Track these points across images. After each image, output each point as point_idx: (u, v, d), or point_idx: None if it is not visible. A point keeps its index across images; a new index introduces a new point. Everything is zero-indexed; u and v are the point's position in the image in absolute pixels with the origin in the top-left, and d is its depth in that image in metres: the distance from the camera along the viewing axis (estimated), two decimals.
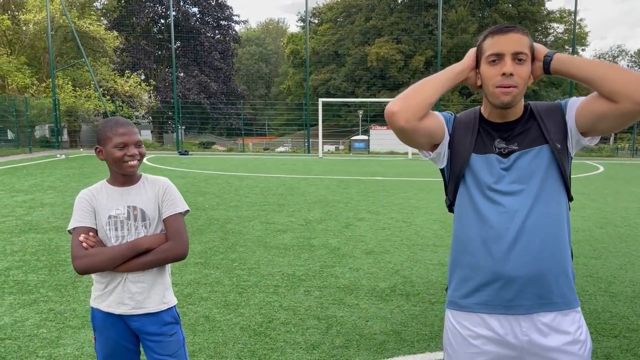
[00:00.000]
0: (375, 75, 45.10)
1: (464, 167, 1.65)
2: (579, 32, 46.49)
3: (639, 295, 4.57)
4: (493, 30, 1.61)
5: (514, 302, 1.61)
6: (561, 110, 1.66)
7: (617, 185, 12.50)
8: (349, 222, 7.56)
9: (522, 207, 1.58)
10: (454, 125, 1.72)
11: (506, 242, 1.58)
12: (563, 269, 1.63)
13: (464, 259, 1.68)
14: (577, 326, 1.63)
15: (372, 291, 4.62)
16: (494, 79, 1.57)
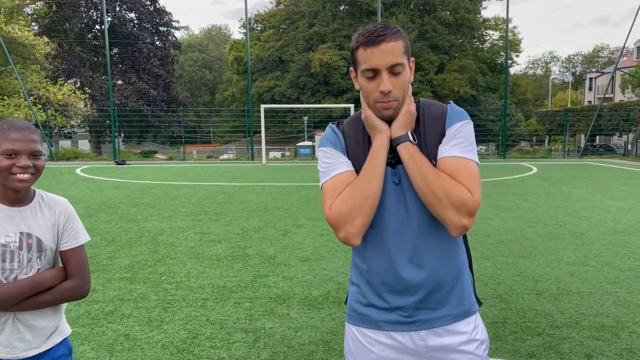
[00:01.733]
0: (320, 82, 45.36)
1: None
2: (513, 39, 48.53)
3: (563, 292, 4.69)
4: (364, 40, 1.47)
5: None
6: (444, 121, 1.57)
7: (548, 185, 13.00)
8: (287, 230, 7.45)
9: (410, 223, 1.55)
10: (345, 144, 1.63)
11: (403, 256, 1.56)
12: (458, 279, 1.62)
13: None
14: (473, 326, 1.62)
15: (305, 300, 4.53)
16: (374, 94, 1.49)
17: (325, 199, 1.55)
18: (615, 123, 31.82)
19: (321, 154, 1.64)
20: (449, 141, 1.52)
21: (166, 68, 38.22)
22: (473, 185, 1.46)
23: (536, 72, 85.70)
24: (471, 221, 1.46)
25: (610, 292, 4.68)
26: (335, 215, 1.50)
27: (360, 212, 1.48)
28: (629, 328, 3.85)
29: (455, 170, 1.47)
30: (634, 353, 3.44)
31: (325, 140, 1.65)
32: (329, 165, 1.59)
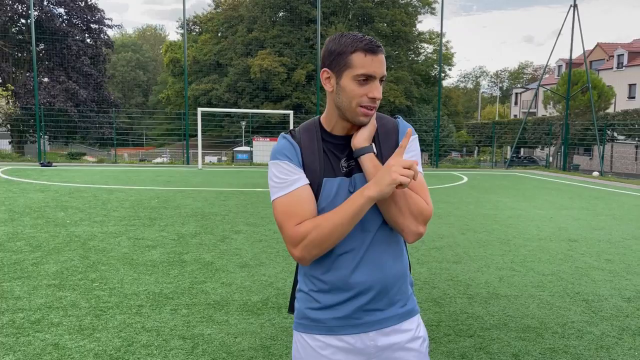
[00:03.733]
0: (259, 87, 45.19)
1: (318, 194, 1.60)
2: (446, 52, 50.45)
3: (492, 296, 4.92)
4: (365, 46, 1.52)
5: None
6: (396, 135, 1.66)
7: (478, 194, 13.58)
8: (225, 235, 7.35)
9: (362, 232, 1.60)
10: (302, 154, 1.63)
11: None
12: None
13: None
14: (416, 324, 1.70)
15: (244, 306, 4.49)
16: (360, 98, 1.53)
17: (287, 215, 1.55)
18: (538, 136, 33.76)
19: (275, 167, 1.61)
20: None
21: (97, 67, 36.70)
22: (427, 196, 1.59)
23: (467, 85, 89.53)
24: (425, 229, 1.59)
25: (534, 295, 4.96)
26: (299, 237, 1.53)
27: (319, 247, 1.53)
28: (551, 329, 4.10)
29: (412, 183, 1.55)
30: (556, 352, 3.67)
31: (280, 153, 1.62)
32: (284, 181, 1.58)
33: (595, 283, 5.41)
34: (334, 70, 1.57)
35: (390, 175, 1.44)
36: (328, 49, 1.59)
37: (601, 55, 48.96)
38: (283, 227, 1.57)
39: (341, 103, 1.56)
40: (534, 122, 36.39)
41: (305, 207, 1.56)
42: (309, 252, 1.54)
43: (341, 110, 1.58)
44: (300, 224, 1.54)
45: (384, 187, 1.46)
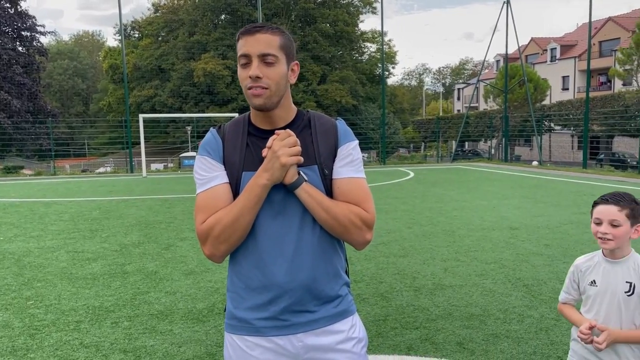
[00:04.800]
0: (203, 91, 44.50)
1: (238, 188, 1.57)
2: (389, 51, 51.29)
3: (437, 287, 5.01)
4: (243, 30, 1.55)
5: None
6: (336, 136, 1.63)
7: (424, 188, 13.85)
8: (170, 243, 7.17)
9: (289, 232, 1.57)
10: (223, 149, 1.61)
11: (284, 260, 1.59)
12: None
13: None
14: (350, 325, 1.66)
15: (189, 314, 4.38)
16: (245, 80, 1.53)
17: (198, 212, 1.57)
18: (481, 130, 34.83)
19: (197, 161, 1.63)
20: (342, 161, 1.60)
21: (31, 76, 35.13)
22: (367, 203, 1.58)
23: (411, 83, 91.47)
24: (372, 234, 1.60)
25: (478, 283, 5.08)
26: (205, 233, 1.54)
27: (227, 241, 1.53)
28: (494, 315, 4.21)
29: (350, 190, 1.58)
30: (498, 337, 3.76)
31: (203, 148, 1.63)
32: (204, 177, 1.59)
33: (535, 268, 5.60)
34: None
35: (280, 160, 1.47)
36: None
37: (536, 49, 51.08)
38: (195, 222, 1.58)
39: (244, 92, 1.58)
40: (476, 116, 37.52)
41: (218, 204, 1.54)
42: (217, 248, 1.54)
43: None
44: (205, 221, 1.54)
45: (275, 173, 1.48)
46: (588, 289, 2.08)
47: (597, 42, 42.01)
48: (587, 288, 2.09)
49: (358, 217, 1.55)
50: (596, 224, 2.01)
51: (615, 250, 2.00)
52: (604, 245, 2.00)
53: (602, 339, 1.92)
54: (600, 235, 1.99)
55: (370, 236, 1.60)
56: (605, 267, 2.04)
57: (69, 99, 66.38)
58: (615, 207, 1.96)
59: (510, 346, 3.61)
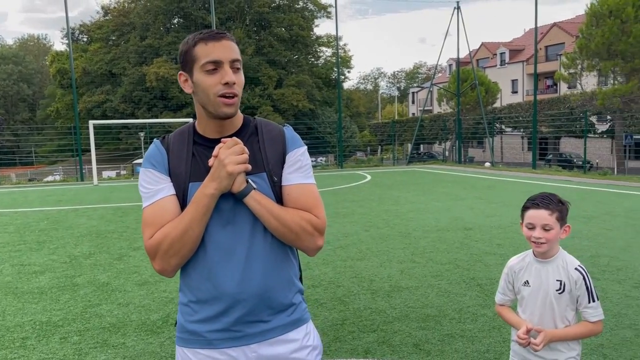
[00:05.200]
0: (156, 96, 43.63)
1: (185, 200, 1.53)
2: (344, 55, 51.67)
3: (394, 289, 5.05)
4: (205, 36, 1.50)
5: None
6: (284, 143, 1.61)
7: (380, 191, 13.99)
8: (122, 254, 6.96)
9: (239, 241, 1.54)
10: (168, 160, 1.57)
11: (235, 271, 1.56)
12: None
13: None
14: (304, 333, 1.64)
15: (142, 325, 4.26)
16: (215, 87, 1.48)
17: (145, 227, 1.53)
18: (435, 132, 35.57)
19: (141, 175, 1.58)
20: (291, 167, 1.58)
21: None
22: (318, 209, 1.57)
23: (367, 87, 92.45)
24: (323, 239, 1.59)
25: (433, 284, 5.16)
26: (153, 249, 1.51)
27: (177, 255, 1.50)
28: (449, 315, 4.27)
29: (300, 196, 1.56)
30: (453, 337, 3.82)
31: (147, 160, 1.58)
32: (149, 190, 1.55)
33: (488, 267, 5.73)
34: (186, 70, 1.54)
35: (226, 169, 1.44)
36: (179, 53, 1.57)
37: (486, 53, 52.59)
38: (143, 237, 1.54)
39: (202, 100, 1.52)
40: (430, 119, 38.30)
41: (165, 218, 1.51)
42: (167, 262, 1.51)
43: (205, 107, 1.53)
44: (152, 236, 1.50)
45: (222, 181, 1.45)
46: (522, 289, 2.14)
47: (544, 47, 43.65)
48: (521, 288, 2.15)
49: (309, 223, 1.54)
50: (529, 228, 2.06)
51: (546, 250, 2.07)
52: (538, 249, 2.06)
53: (539, 341, 1.98)
54: (534, 239, 2.04)
55: (322, 242, 1.58)
56: (537, 267, 2.11)
57: (14, 105, 63.77)
58: (546, 211, 2.02)
59: (464, 345, 3.67)
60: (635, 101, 21.99)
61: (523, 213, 2.11)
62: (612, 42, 21.37)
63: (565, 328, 2.06)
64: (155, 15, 45.40)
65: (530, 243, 2.08)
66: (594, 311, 2.05)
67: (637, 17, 20.61)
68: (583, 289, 2.04)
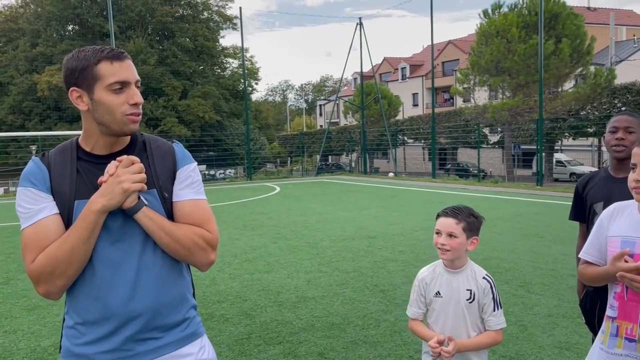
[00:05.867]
0: (50, 107, 40.91)
1: (70, 218, 1.48)
2: (251, 67, 51.53)
3: (301, 299, 5.09)
4: (109, 55, 1.47)
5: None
6: (174, 159, 1.61)
7: (289, 202, 14.07)
8: (9, 277, 6.44)
9: (129, 259, 1.51)
10: (50, 176, 1.51)
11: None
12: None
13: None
14: (199, 347, 1.64)
15: (32, 353, 3.97)
16: (122, 107, 1.48)
17: (26, 250, 1.46)
18: (342, 144, 36.43)
19: (20, 194, 1.51)
20: (182, 184, 1.59)
21: None
22: (210, 224, 1.59)
23: (275, 99, 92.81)
24: (215, 254, 1.60)
25: (339, 293, 5.27)
26: (37, 273, 1.44)
27: (63, 276, 1.45)
28: (353, 322, 4.38)
29: (192, 211, 1.56)
30: (357, 344, 3.92)
31: (25, 179, 1.51)
32: (30, 210, 1.47)
33: (391, 274, 5.95)
34: (83, 87, 1.49)
35: (121, 186, 1.42)
36: (69, 68, 1.50)
37: (388, 68, 54.87)
38: (24, 262, 1.46)
39: (103, 118, 1.49)
40: (337, 131, 39.20)
41: (48, 238, 1.45)
42: (53, 284, 1.45)
43: (105, 125, 1.50)
44: (35, 260, 1.43)
45: (114, 198, 1.43)
46: (434, 301, 2.18)
47: (440, 63, 46.36)
48: (432, 299, 2.19)
49: (201, 238, 1.55)
50: (436, 234, 2.15)
51: (455, 260, 2.15)
52: (442, 255, 2.14)
53: (450, 349, 2.02)
54: (439, 245, 2.12)
55: (214, 257, 1.59)
56: (447, 277, 2.17)
57: None
58: (454, 220, 2.12)
59: (367, 351, 3.78)
60: (521, 114, 23.92)
61: (436, 220, 2.19)
62: (500, 59, 23.14)
63: (472, 338, 2.12)
64: (47, 22, 42.65)
65: (437, 249, 2.14)
66: (497, 319, 2.12)
67: (521, 37, 22.48)
68: (489, 297, 2.12)
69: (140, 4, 42.73)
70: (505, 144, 25.81)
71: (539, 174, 17.99)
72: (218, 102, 44.78)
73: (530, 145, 24.88)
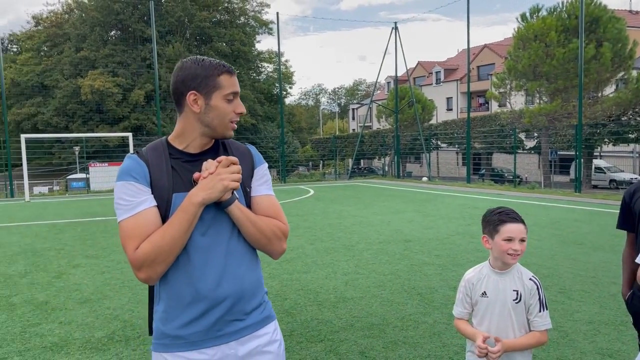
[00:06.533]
0: (92, 109, 42.23)
1: (168, 210, 1.64)
2: (286, 71, 52.05)
3: (340, 300, 5.21)
4: (229, 69, 1.70)
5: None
6: (252, 160, 1.81)
7: (324, 205, 14.21)
8: (61, 271, 6.75)
9: (218, 247, 1.68)
10: (150, 172, 1.66)
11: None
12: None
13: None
14: (273, 328, 1.81)
15: (87, 343, 4.18)
16: (230, 115, 1.70)
17: (129, 238, 1.59)
18: (375, 148, 36.41)
19: (120, 188, 1.63)
20: (259, 180, 1.79)
21: None
22: (283, 216, 1.79)
23: (308, 102, 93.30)
24: (286, 244, 1.80)
25: (377, 294, 5.36)
26: (141, 260, 1.57)
27: (164, 262, 1.59)
28: (392, 323, 4.47)
29: (269, 206, 1.77)
30: (397, 344, 4.01)
31: (126, 173, 1.64)
32: (131, 202, 1.61)
33: (428, 277, 6.01)
34: (202, 92, 1.66)
35: (222, 182, 1.59)
36: (191, 73, 1.66)
37: (422, 72, 54.54)
38: (125, 251, 1.60)
39: (212, 121, 1.68)
40: (370, 135, 39.19)
41: (149, 229, 1.59)
42: (154, 270, 1.59)
43: (211, 128, 1.69)
44: (139, 247, 1.57)
45: (214, 193, 1.59)
46: (480, 301, 2.22)
47: (476, 67, 45.82)
48: (478, 300, 2.23)
49: (279, 229, 1.74)
50: (507, 241, 2.13)
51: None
52: (513, 260, 2.17)
53: (497, 349, 2.05)
54: (511, 252, 2.13)
55: (286, 246, 1.79)
56: (494, 278, 2.20)
57: None
58: (522, 225, 2.18)
59: (407, 351, 3.86)
60: (558, 119, 23.49)
61: (497, 227, 2.17)
62: (537, 64, 22.81)
63: (518, 338, 2.15)
64: (91, 27, 44.08)
65: (505, 256, 2.14)
66: (542, 320, 2.16)
67: (560, 41, 22.11)
68: (536, 298, 2.16)
69: (180, 10, 43.72)
70: (542, 149, 25.36)
71: (577, 181, 17.65)
72: (253, 106, 45.39)
73: (567, 151, 24.37)
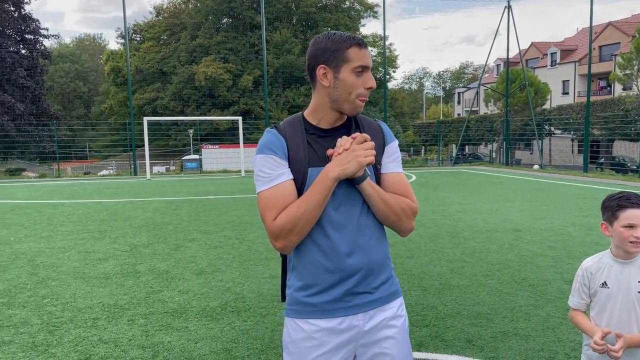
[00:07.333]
0: (205, 94, 44.67)
1: (304, 183, 1.70)
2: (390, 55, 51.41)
3: (445, 286, 5.11)
4: (359, 42, 1.68)
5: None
6: (383, 136, 1.80)
7: (427, 191, 13.96)
8: (178, 244, 7.27)
9: (350, 221, 1.70)
10: (287, 146, 1.72)
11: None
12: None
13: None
14: (399, 303, 1.82)
15: (203, 312, 4.48)
16: (359, 89, 1.68)
17: (268, 208, 1.66)
18: (481, 133, 34.97)
19: (260, 161, 1.70)
20: (390, 157, 1.79)
21: (35, 79, 35.24)
22: (412, 195, 1.78)
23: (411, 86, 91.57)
24: (414, 222, 1.79)
25: (484, 283, 5.19)
26: (278, 229, 1.63)
27: (299, 233, 1.64)
28: (501, 314, 4.31)
29: (398, 183, 1.76)
30: (506, 335, 3.86)
31: (266, 147, 1.71)
32: (270, 175, 1.68)
33: (540, 269, 5.70)
34: (331, 66, 1.68)
35: (358, 159, 1.60)
36: (321, 47, 1.69)
37: (536, 53, 51.24)
38: (263, 220, 1.67)
39: (338, 95, 1.69)
40: (477, 120, 37.67)
41: (286, 200, 1.65)
42: (290, 240, 1.65)
43: (338, 102, 1.70)
44: (277, 217, 1.63)
45: (349, 168, 1.60)
46: (599, 291, 2.06)
47: (597, 47, 42.18)
48: (598, 290, 2.07)
49: (408, 207, 1.73)
50: (628, 227, 1.98)
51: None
52: (635, 249, 1.98)
53: (619, 347, 1.90)
54: (633, 239, 1.96)
55: (414, 224, 1.77)
56: (617, 268, 2.04)
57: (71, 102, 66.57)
58: None
59: (518, 343, 3.71)
60: None
61: (616, 212, 2.02)
62: None
63: None
64: (205, 15, 46.48)
65: (627, 244, 1.99)
66: None
67: None
68: None
69: None
70: None
71: None
72: None
73: None
